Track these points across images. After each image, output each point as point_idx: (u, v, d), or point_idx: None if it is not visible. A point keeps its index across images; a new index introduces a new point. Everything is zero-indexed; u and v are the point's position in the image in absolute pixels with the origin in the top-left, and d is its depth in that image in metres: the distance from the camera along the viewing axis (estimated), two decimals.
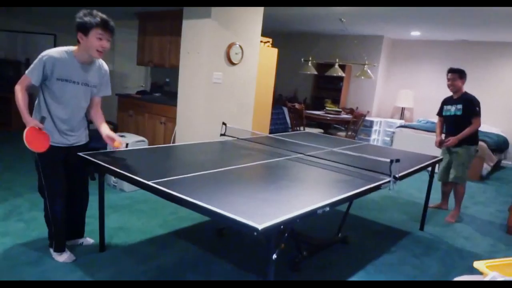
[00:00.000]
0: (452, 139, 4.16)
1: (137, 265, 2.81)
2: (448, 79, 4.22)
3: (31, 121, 2.47)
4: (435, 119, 4.70)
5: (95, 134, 5.02)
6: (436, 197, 4.68)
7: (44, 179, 2.70)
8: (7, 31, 7.44)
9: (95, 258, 2.86)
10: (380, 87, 9.05)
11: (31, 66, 2.53)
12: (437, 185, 4.47)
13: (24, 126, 2.43)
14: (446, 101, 4.39)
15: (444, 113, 4.36)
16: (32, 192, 4.04)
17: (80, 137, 2.81)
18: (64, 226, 2.81)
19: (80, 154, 2.70)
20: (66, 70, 2.56)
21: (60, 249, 2.80)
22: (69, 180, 2.78)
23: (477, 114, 4.10)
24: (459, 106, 4.17)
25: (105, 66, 2.82)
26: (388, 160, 2.67)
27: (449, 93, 4.37)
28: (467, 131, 4.10)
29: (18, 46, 7.58)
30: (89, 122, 2.91)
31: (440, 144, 4.39)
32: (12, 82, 2.57)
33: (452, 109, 4.24)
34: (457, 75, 4.17)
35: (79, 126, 2.78)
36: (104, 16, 2.52)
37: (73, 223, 2.96)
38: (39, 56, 2.53)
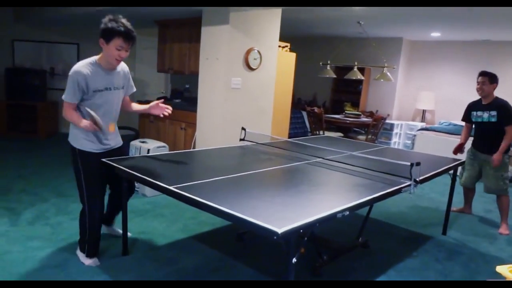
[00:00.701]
0: (496, 158, 3.94)
1: (159, 269, 2.86)
2: (478, 83, 4.04)
3: (85, 122, 2.62)
4: (457, 121, 4.61)
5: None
6: (458, 201, 4.60)
7: (85, 186, 2.77)
8: (32, 41, 7.68)
9: (118, 262, 2.92)
10: (400, 89, 8.95)
11: (67, 89, 2.58)
12: (459, 188, 4.39)
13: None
14: (474, 106, 4.17)
15: (474, 119, 4.15)
16: (57, 197, 4.16)
17: (117, 139, 2.96)
18: (99, 233, 2.92)
19: (103, 160, 2.77)
20: (99, 81, 2.64)
21: (92, 254, 2.88)
22: (114, 181, 2.96)
23: None
24: (493, 113, 3.96)
25: (125, 66, 2.92)
26: (409, 163, 2.65)
27: (473, 97, 4.25)
28: (506, 143, 3.91)
29: (43, 56, 7.81)
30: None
31: (456, 151, 4.25)
32: (38, 90, 2.66)
33: (484, 116, 4.03)
34: (487, 78, 3.97)
35: (116, 129, 2.95)
36: (128, 24, 2.56)
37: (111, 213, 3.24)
38: (70, 76, 2.57)
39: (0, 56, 7.39)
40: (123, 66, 2.88)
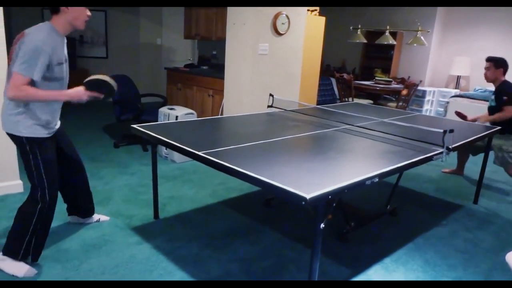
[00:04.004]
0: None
1: (189, 232, 2.94)
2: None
3: (77, 89, 2.29)
4: (493, 87, 4.43)
5: (146, 108, 5.20)
6: (492, 170, 4.48)
7: (46, 176, 2.31)
8: None
9: (150, 225, 3.02)
10: (434, 54, 8.61)
11: (27, 62, 2.06)
12: (493, 157, 4.25)
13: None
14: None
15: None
16: (91, 162, 4.29)
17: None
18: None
19: (133, 126, 2.82)
20: (60, 51, 2.26)
21: (37, 256, 2.41)
22: (63, 159, 2.60)
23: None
24: (492, 97, 4.05)
25: None
26: (441, 130, 2.57)
27: None
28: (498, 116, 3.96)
29: None
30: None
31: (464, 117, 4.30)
32: (69, 58, 2.53)
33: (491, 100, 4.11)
34: (492, 63, 3.96)
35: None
36: None
37: (83, 200, 2.87)
38: (33, 47, 2.08)
39: (31, 25, 7.49)
40: None
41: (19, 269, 2.30)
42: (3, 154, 3.33)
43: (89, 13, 2.32)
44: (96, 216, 3.02)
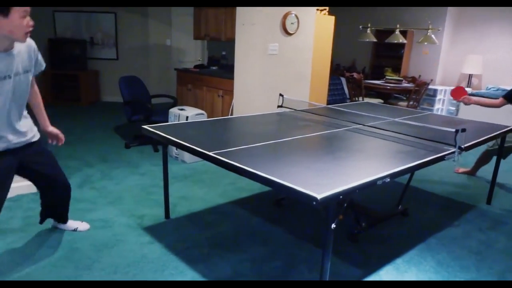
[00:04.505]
0: None
1: (199, 232, 2.95)
2: None
3: None
4: (506, 86, 4.37)
5: (156, 108, 5.22)
6: (505, 169, 4.42)
7: None
8: (72, 12, 7.82)
9: (161, 224, 3.04)
10: (445, 53, 8.52)
11: None
12: (509, 158, 4.19)
13: None
14: None
15: None
16: (102, 163, 4.33)
17: (30, 134, 2.35)
18: None
19: (144, 126, 2.84)
20: None
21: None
22: (41, 179, 2.55)
23: None
24: None
25: (31, 41, 2.18)
26: (453, 129, 2.55)
27: None
28: None
29: (83, 26, 7.95)
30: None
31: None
32: (79, 60, 2.51)
33: None
34: None
35: (29, 122, 2.37)
36: None
37: (60, 209, 2.81)
38: None
39: (43, 27, 7.58)
40: (29, 43, 2.17)
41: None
42: None
43: (31, 22, 1.99)
44: (73, 224, 2.89)
